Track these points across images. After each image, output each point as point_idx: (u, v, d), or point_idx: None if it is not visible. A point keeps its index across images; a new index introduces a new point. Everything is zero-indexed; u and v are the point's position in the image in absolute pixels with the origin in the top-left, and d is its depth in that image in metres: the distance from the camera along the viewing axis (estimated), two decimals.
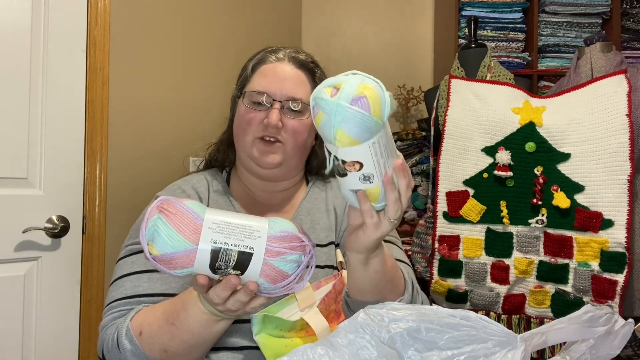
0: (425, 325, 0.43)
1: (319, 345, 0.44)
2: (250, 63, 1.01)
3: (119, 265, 0.91)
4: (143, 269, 0.88)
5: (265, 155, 0.93)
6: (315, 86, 0.98)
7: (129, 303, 0.84)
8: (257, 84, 0.96)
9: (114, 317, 0.84)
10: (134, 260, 0.89)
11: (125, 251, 0.92)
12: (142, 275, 0.87)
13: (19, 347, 1.48)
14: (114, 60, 1.72)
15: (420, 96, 2.69)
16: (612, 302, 1.38)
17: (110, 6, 1.70)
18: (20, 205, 1.49)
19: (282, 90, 0.94)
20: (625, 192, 1.38)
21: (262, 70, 0.98)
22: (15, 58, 1.48)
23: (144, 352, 0.76)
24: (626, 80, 1.44)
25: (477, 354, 0.42)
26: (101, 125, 1.67)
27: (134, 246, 0.91)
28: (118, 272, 0.90)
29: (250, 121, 0.94)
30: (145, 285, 0.86)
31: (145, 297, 0.85)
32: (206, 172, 1.06)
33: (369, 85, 0.58)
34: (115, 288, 0.87)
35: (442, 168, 1.56)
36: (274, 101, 0.93)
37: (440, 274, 1.56)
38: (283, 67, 0.97)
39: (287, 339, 0.83)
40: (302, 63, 0.99)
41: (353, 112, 0.55)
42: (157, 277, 0.87)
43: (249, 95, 0.96)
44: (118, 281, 0.88)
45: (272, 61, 0.98)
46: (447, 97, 1.62)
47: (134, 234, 0.93)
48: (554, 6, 2.38)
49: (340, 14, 2.94)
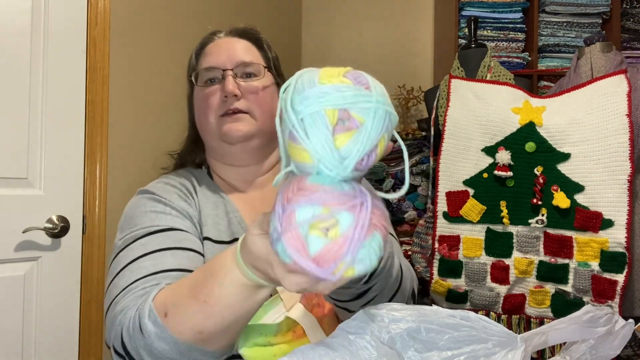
0: (425, 326, 0.43)
1: (319, 345, 0.44)
2: (193, 52, 1.00)
3: (124, 255, 0.79)
4: (162, 247, 0.78)
5: (233, 129, 0.89)
6: (262, 53, 0.98)
7: (154, 278, 0.73)
8: (204, 63, 0.95)
9: (136, 296, 0.71)
10: (144, 242, 0.79)
11: (125, 240, 0.81)
12: (164, 253, 0.77)
13: (19, 347, 1.48)
14: (114, 60, 1.72)
15: (420, 96, 2.69)
16: (612, 302, 1.38)
17: (110, 6, 1.70)
18: (20, 205, 1.49)
19: (230, 59, 0.92)
20: (625, 192, 1.38)
21: (205, 51, 0.97)
22: (15, 58, 1.48)
23: (172, 334, 0.63)
24: (626, 80, 1.44)
25: (477, 354, 0.42)
26: (101, 125, 1.67)
27: (138, 231, 0.81)
28: (126, 259, 0.78)
29: (208, 101, 0.92)
30: (170, 261, 0.76)
31: (174, 272, 0.74)
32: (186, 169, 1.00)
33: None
34: (129, 274, 0.75)
35: (442, 168, 1.56)
36: (224, 71, 0.91)
37: (440, 274, 1.56)
38: (226, 41, 0.96)
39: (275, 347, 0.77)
40: (244, 33, 0.98)
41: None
42: (181, 254, 0.78)
43: (200, 77, 0.94)
44: (131, 265, 0.76)
45: (214, 39, 0.98)
46: (447, 97, 1.62)
47: (130, 223, 0.84)
48: (554, 6, 2.38)
49: (341, 14, 2.94)
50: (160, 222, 0.82)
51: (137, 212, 0.85)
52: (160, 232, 0.80)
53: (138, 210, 0.86)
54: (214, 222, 0.89)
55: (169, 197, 0.88)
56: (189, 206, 0.88)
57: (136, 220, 0.83)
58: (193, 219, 0.87)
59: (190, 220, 0.87)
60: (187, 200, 0.90)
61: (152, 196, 0.88)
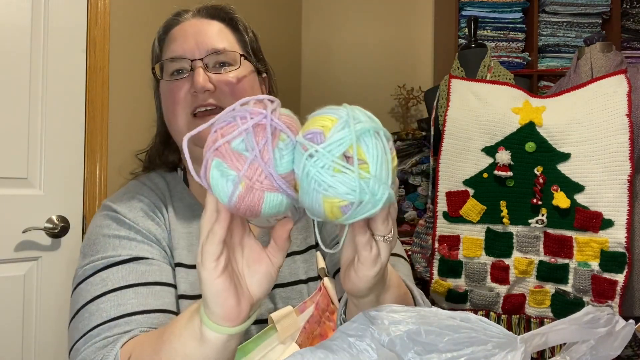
0: (425, 328, 0.43)
1: (318, 348, 0.44)
2: (156, 38, 0.86)
3: (80, 291, 0.70)
4: (123, 284, 0.68)
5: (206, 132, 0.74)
6: (238, 36, 0.83)
7: (116, 325, 0.65)
8: (169, 52, 0.80)
9: (96, 347, 0.63)
10: (104, 277, 0.70)
11: (84, 271, 0.72)
12: (125, 291, 0.68)
13: (19, 347, 1.48)
14: (114, 60, 1.72)
15: (420, 96, 2.69)
16: (612, 302, 1.38)
17: (110, 6, 1.70)
18: (20, 205, 1.49)
19: (199, 47, 0.78)
20: (625, 192, 1.38)
21: (170, 37, 0.82)
22: (15, 58, 1.48)
23: None
24: (626, 80, 1.44)
25: (477, 356, 0.42)
26: (101, 125, 1.67)
27: (97, 262, 0.72)
28: (83, 298, 0.69)
29: (175, 96, 0.78)
30: (133, 302, 0.67)
31: (136, 315, 0.66)
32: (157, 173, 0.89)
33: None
34: (88, 316, 0.67)
35: (442, 168, 1.56)
36: (193, 62, 0.77)
37: (440, 274, 1.56)
38: (193, 24, 0.81)
39: None
40: (214, 13, 0.83)
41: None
42: (145, 292, 0.69)
43: (165, 69, 0.80)
44: (88, 306, 0.68)
45: (180, 21, 0.83)
46: (447, 97, 1.62)
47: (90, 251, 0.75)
48: (554, 6, 2.38)
49: (341, 15, 2.94)
50: (122, 250, 0.73)
51: (99, 236, 0.76)
52: (122, 263, 0.72)
53: (100, 233, 0.76)
54: (187, 243, 0.79)
55: (134, 216, 0.78)
56: (156, 226, 0.78)
57: (98, 247, 0.75)
58: (161, 241, 0.77)
59: (158, 244, 0.77)
60: (155, 218, 0.79)
61: (115, 215, 0.78)
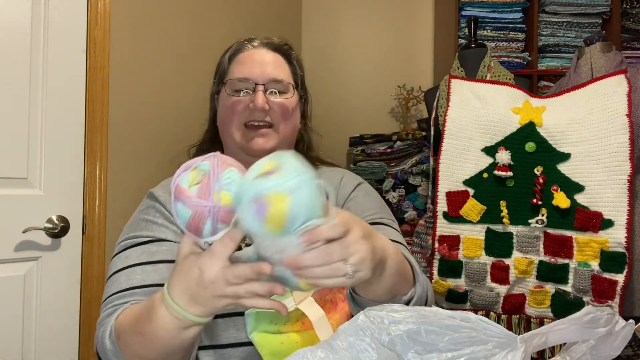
0: (425, 327, 0.43)
1: (319, 348, 0.44)
2: (227, 55, 1.03)
3: (114, 262, 0.90)
4: (136, 262, 0.87)
5: (257, 145, 0.94)
6: (291, 68, 1.03)
7: (123, 296, 0.83)
8: (237, 72, 0.98)
9: (108, 313, 0.82)
10: (127, 255, 0.88)
11: (119, 247, 0.91)
12: (135, 269, 0.86)
13: (19, 347, 1.48)
14: (114, 60, 1.72)
15: (420, 96, 2.69)
16: (612, 302, 1.38)
17: (110, 6, 1.70)
18: (20, 205, 1.49)
19: (263, 74, 0.96)
20: (625, 192, 1.38)
21: (239, 59, 1.00)
22: (15, 58, 1.48)
23: (124, 356, 0.73)
24: (626, 80, 1.44)
25: (477, 356, 0.42)
26: (101, 125, 1.67)
27: (127, 241, 0.90)
28: (112, 269, 0.89)
29: (234, 108, 0.95)
30: (138, 278, 0.85)
31: (138, 289, 0.83)
32: None
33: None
34: (110, 284, 0.87)
35: (442, 168, 1.56)
36: (256, 85, 0.95)
37: (440, 274, 1.56)
38: (260, 53, 1.00)
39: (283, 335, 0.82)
40: (277, 47, 1.02)
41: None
42: (150, 269, 0.86)
43: (231, 84, 0.98)
44: (113, 277, 0.88)
45: (249, 49, 1.01)
46: (447, 97, 1.62)
47: (128, 229, 0.93)
48: (554, 6, 2.38)
49: (340, 14, 2.94)
50: (146, 232, 0.90)
51: (138, 218, 0.94)
52: (141, 244, 0.88)
53: (139, 217, 0.94)
54: None
55: (165, 200, 0.93)
56: None
57: (133, 227, 0.92)
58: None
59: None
60: None
61: (154, 204, 0.94)
